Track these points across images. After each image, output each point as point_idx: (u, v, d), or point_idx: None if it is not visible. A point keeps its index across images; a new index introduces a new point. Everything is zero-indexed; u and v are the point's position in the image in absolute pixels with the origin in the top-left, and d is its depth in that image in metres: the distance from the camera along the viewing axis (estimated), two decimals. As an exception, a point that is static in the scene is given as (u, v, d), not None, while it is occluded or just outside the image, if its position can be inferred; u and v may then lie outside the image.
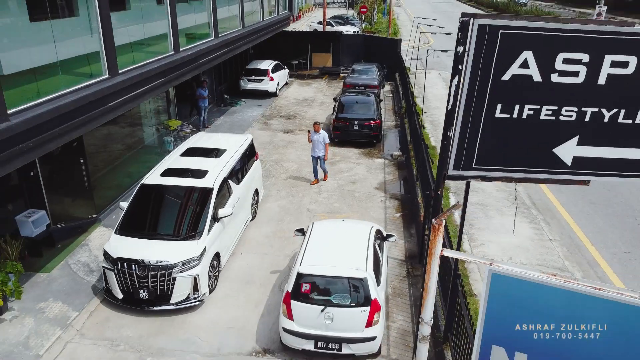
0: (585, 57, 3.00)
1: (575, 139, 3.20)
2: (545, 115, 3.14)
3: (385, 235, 9.50)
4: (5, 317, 8.73)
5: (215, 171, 10.54)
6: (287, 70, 26.13)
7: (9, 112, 7.00)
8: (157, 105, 16.82)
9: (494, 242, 10.64)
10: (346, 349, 7.59)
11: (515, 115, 3.12)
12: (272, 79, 23.49)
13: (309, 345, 7.67)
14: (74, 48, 9.33)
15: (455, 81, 3.16)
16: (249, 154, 12.56)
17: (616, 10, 64.26)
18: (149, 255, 8.86)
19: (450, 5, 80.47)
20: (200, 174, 10.48)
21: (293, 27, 32.48)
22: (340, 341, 7.56)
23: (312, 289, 7.69)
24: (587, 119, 3.14)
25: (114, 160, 13.51)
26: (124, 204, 10.06)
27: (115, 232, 9.50)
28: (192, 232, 9.42)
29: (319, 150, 13.63)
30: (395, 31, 43.60)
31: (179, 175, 10.49)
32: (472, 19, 2.89)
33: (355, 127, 17.03)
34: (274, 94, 23.66)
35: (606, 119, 3.12)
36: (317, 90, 25.33)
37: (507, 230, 11.05)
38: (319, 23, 40.67)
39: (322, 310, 7.50)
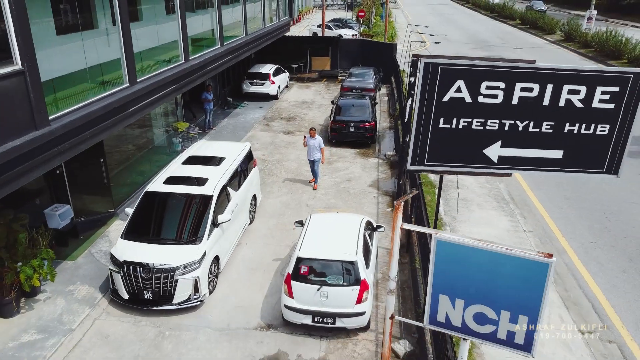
0: (501, 85, 4.14)
1: (499, 142, 4.35)
2: (476, 125, 4.28)
3: (375, 226, 10.67)
4: (40, 297, 9.91)
5: (215, 179, 11.11)
6: (287, 74, 27.27)
7: (50, 118, 8.18)
8: (166, 108, 17.98)
9: (474, 233, 11.81)
10: (339, 323, 8.76)
11: (453, 126, 4.26)
12: (273, 83, 24.62)
13: (307, 320, 8.84)
14: (99, 58, 10.49)
15: (409, 101, 4.31)
16: (248, 161, 13.18)
17: (610, 13, 65.33)
18: (153, 258, 9.46)
19: (448, 7, 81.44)
20: (200, 181, 11.05)
21: (293, 29, 33.54)
22: (334, 316, 8.73)
23: (310, 271, 8.86)
24: (506, 128, 4.29)
25: (127, 160, 14.65)
26: (129, 210, 10.66)
27: (121, 237, 10.11)
28: (193, 237, 9.99)
29: (315, 154, 14.48)
30: (393, 34, 44.76)
31: (181, 183, 11.05)
32: (420, 59, 4.02)
33: (352, 129, 18.18)
34: (275, 97, 24.81)
35: (520, 129, 4.28)
36: (316, 92, 26.49)
37: (486, 222, 12.24)
38: (318, 26, 41.79)
39: (318, 289, 8.68)
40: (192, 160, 12.24)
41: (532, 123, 4.25)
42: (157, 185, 11.03)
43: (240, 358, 8.47)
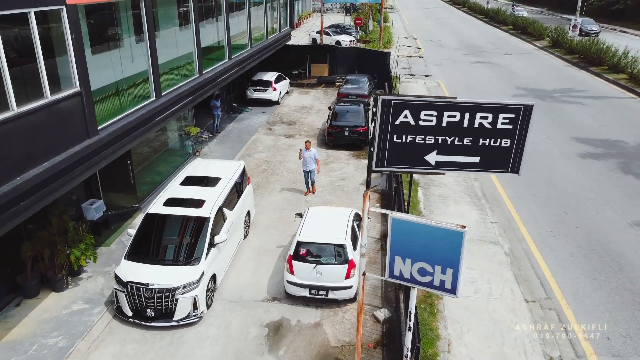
0: (434, 113, 6.07)
1: (435, 151, 6.28)
2: (418, 140, 6.23)
3: (360, 217, 12.67)
4: (83, 276, 11.92)
5: (212, 201, 11.69)
6: (288, 80, 29.25)
7: (98, 128, 10.19)
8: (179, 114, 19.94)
9: (448, 224, 13.82)
10: (331, 295, 10.77)
11: (403, 141, 6.20)
12: (274, 89, 26.62)
13: (305, 292, 10.84)
14: (134, 79, 12.49)
15: (373, 124, 6.28)
16: (242, 180, 13.80)
17: (600, 18, 67.18)
18: (154, 279, 10.12)
19: (444, 11, 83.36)
20: (198, 203, 11.56)
21: (293, 34, 35.29)
22: (327, 289, 10.73)
23: (307, 253, 10.87)
24: (439, 142, 6.26)
25: (145, 161, 16.63)
26: (132, 231, 11.33)
27: (124, 258, 10.77)
28: (192, 257, 10.61)
29: (310, 165, 15.59)
30: (389, 40, 46.71)
31: (180, 205, 11.59)
32: (379, 97, 5.97)
33: (346, 133, 20.17)
34: (277, 102, 26.82)
35: (449, 142, 6.23)
36: (315, 98, 28.49)
37: (459, 215, 14.24)
38: (318, 32, 43.70)
39: (314, 267, 10.68)
40: (190, 180, 12.86)
41: (456, 138, 6.22)
42: (157, 207, 11.56)
43: (250, 323, 10.47)
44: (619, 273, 11.78)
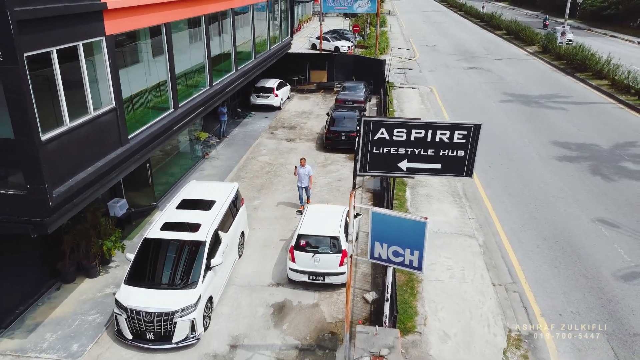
0: (405, 130, 7.87)
1: (406, 160, 8.13)
2: (393, 151, 8.04)
3: (355, 214, 14.47)
4: (112, 265, 13.72)
5: (207, 224, 12.05)
6: (288, 87, 31.05)
7: (129, 137, 12.00)
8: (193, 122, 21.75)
9: (430, 220, 15.59)
10: (327, 280, 12.56)
11: (381, 151, 8.04)
12: (276, 95, 28.44)
13: (305, 278, 12.63)
14: (160, 93, 14.28)
15: (357, 139, 8.09)
16: (236, 201, 14.18)
17: (592, 22, 69.02)
18: (153, 304, 10.45)
19: (441, 15, 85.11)
20: (193, 227, 11.92)
21: (293, 38, 37.04)
22: (323, 275, 12.52)
23: (307, 244, 12.67)
24: (409, 152, 8.07)
25: (159, 163, 18.42)
26: (130, 255, 11.63)
27: (124, 282, 11.07)
28: (189, 281, 10.96)
29: (305, 181, 16.37)
30: (385, 45, 48.50)
31: (176, 229, 11.92)
32: (362, 119, 7.76)
33: (343, 137, 21.94)
34: (279, 108, 28.62)
35: (417, 153, 8.04)
36: (314, 103, 30.29)
37: (441, 212, 16.06)
38: (317, 38, 45.48)
39: (312, 256, 12.47)
40: (185, 204, 13.19)
41: (422, 150, 8.04)
42: (154, 231, 11.90)
43: (258, 304, 12.25)
44: (577, 262, 13.59)
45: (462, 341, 10.70)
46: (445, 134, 7.96)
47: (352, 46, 46.43)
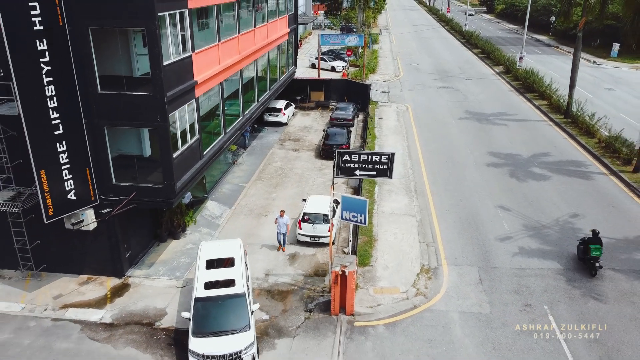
0: (347, 156, 16.19)
1: (359, 169, 16.39)
2: (352, 165, 16.31)
3: (338, 201, 22.75)
4: (187, 233, 21.97)
5: (240, 279, 15.07)
6: (293, 106, 39.28)
7: (203, 153, 20.30)
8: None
9: (387, 206, 23.91)
10: (321, 240, 20.80)
11: (346, 166, 16.34)
12: (284, 114, 36.68)
13: (307, 239, 20.89)
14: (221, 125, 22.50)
15: (334, 163, 16.33)
16: (245, 254, 17.21)
17: (563, 40, 77.01)
18: (225, 348, 13.35)
19: (430, 30, 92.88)
20: (230, 283, 14.90)
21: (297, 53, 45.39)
22: (318, 237, 20.77)
23: (309, 218, 20.93)
24: (359, 166, 16.33)
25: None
26: (186, 314, 14.37)
27: (192, 335, 13.60)
28: (244, 325, 13.93)
29: (283, 229, 20.23)
30: (375, 65, 56.66)
31: (216, 287, 14.79)
32: (336, 150, 15.84)
33: (334, 149, 30.12)
34: (285, 124, 36.87)
35: (363, 166, 16.34)
36: (314, 120, 38.52)
37: (396, 202, 24.38)
38: (316, 58, 53.60)
39: (312, 225, 20.73)
40: (211, 264, 16.01)
41: (365, 165, 16.32)
42: (200, 292, 14.58)
43: (279, 254, 20.47)
44: (475, 231, 21.89)
45: (395, 270, 19.02)
46: (377, 156, 16.27)
47: (346, 65, 54.60)
